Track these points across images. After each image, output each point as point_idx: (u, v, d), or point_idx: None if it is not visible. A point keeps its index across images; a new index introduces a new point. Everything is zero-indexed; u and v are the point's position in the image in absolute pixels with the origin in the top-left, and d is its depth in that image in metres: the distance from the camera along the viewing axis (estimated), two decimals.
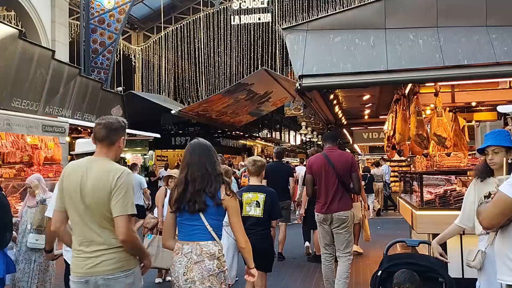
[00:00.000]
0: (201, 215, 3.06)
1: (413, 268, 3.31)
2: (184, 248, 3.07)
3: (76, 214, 2.92)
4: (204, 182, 3.08)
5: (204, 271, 3.00)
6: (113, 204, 2.85)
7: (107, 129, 3.05)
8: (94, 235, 2.89)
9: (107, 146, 3.05)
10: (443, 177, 6.81)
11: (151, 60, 22.43)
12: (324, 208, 5.43)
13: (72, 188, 2.93)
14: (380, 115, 9.87)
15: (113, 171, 2.91)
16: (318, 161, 5.62)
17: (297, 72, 5.81)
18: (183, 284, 3.02)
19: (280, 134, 31.12)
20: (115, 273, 2.87)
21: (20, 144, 10.33)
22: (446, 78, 5.55)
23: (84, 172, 2.94)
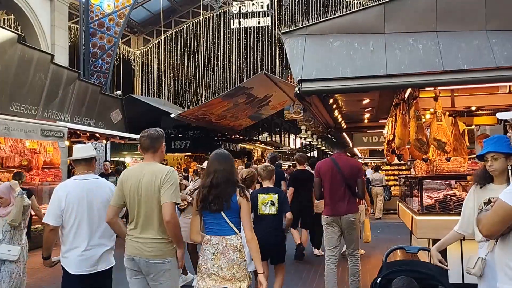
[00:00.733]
0: (223, 214, 3.61)
1: (412, 275, 3.27)
2: (212, 239, 3.62)
3: (134, 208, 3.62)
4: (224, 187, 3.63)
5: (229, 260, 3.57)
6: (162, 194, 3.52)
7: (150, 139, 3.72)
8: (146, 224, 3.59)
9: (152, 153, 3.73)
10: (443, 181, 6.78)
11: (150, 64, 22.45)
12: (332, 211, 5.64)
13: (130, 188, 3.62)
14: (380, 119, 9.85)
15: (161, 171, 3.60)
16: (326, 165, 5.84)
17: (296, 77, 5.79)
18: (211, 268, 3.56)
19: (280, 137, 31.12)
20: (155, 259, 3.56)
21: (19, 149, 10.32)
22: (446, 83, 5.53)
23: (138, 175, 3.63)
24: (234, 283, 3.56)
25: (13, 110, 9.51)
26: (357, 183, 5.69)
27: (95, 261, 3.93)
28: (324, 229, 5.79)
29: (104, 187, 4.11)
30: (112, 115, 14.25)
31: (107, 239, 4.02)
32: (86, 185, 4.01)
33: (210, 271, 3.56)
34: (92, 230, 3.94)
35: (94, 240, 3.94)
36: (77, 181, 4.06)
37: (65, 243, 3.96)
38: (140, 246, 3.58)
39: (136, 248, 3.60)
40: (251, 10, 17.72)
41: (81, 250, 3.90)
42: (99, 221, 3.96)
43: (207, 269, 3.57)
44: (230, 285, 3.55)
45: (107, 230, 3.98)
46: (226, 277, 3.55)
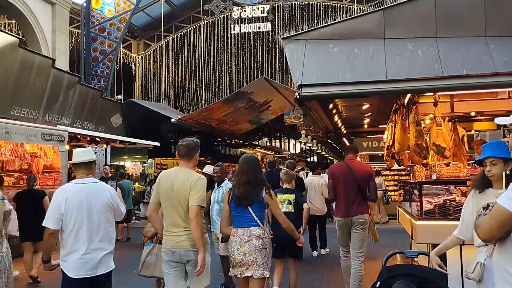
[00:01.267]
0: (250, 209, 4.24)
1: (412, 279, 3.28)
2: (238, 231, 4.27)
3: (168, 206, 4.16)
4: (253, 185, 4.28)
5: (252, 246, 4.17)
6: (190, 197, 4.06)
7: (187, 148, 4.28)
8: (180, 221, 4.12)
9: (187, 160, 4.28)
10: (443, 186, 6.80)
11: (151, 69, 22.49)
12: (344, 213, 5.91)
13: (166, 188, 4.17)
14: (379, 124, 9.89)
15: (192, 178, 4.15)
16: (339, 168, 6.15)
17: (297, 82, 5.82)
18: (237, 256, 4.22)
19: (280, 142, 31.12)
20: (192, 248, 4.08)
21: (19, 152, 10.32)
22: (445, 88, 5.56)
23: (173, 178, 4.20)
24: (256, 269, 4.14)
25: (14, 114, 9.52)
26: (369, 186, 5.99)
27: (94, 265, 3.93)
28: (337, 229, 6.08)
29: (104, 191, 4.11)
30: (112, 119, 14.26)
31: (106, 242, 4.03)
32: (85, 189, 4.03)
33: (237, 260, 4.21)
34: (91, 234, 3.94)
35: (94, 243, 3.94)
36: (77, 185, 4.08)
37: (65, 246, 3.97)
38: (178, 239, 4.12)
39: (174, 241, 4.14)
40: (252, 16, 17.78)
41: (81, 254, 3.90)
42: (98, 224, 3.97)
43: (234, 258, 4.24)
44: (252, 271, 4.13)
45: (106, 234, 4.01)
46: (249, 262, 4.14)
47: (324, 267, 8.27)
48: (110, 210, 4.08)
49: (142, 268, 6.05)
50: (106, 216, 4.04)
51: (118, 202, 4.20)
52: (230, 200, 4.35)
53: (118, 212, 4.18)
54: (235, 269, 4.26)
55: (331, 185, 6.14)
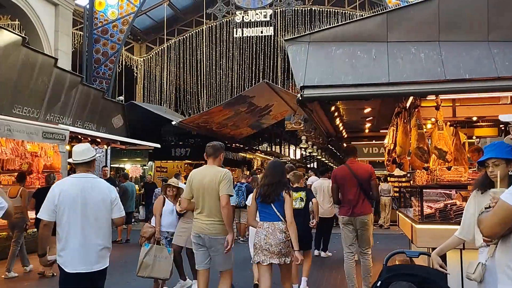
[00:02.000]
0: (273, 206, 4.87)
1: (412, 279, 3.27)
2: (264, 225, 4.89)
3: (200, 197, 4.90)
4: (276, 186, 4.92)
5: (277, 239, 4.78)
6: (220, 188, 4.80)
7: (213, 148, 5.11)
8: (208, 211, 4.84)
9: (213, 159, 5.08)
10: (443, 191, 6.79)
11: (153, 72, 22.53)
12: (349, 212, 6.18)
13: (197, 183, 4.92)
14: (380, 129, 9.87)
15: (220, 172, 4.93)
16: (342, 171, 6.40)
17: (299, 83, 5.82)
18: (264, 245, 4.79)
19: (280, 148, 31.12)
20: (216, 235, 4.84)
21: (20, 151, 10.33)
22: (447, 91, 5.56)
23: (203, 174, 4.99)
24: (280, 257, 4.77)
25: (15, 113, 9.52)
26: (371, 185, 6.28)
27: (90, 260, 3.91)
28: (341, 229, 6.33)
29: (101, 187, 4.10)
30: (113, 120, 14.27)
31: (103, 238, 4.00)
32: (82, 184, 4.03)
33: (263, 248, 4.79)
34: (86, 229, 3.92)
35: (89, 239, 3.92)
36: (74, 179, 4.11)
37: (60, 241, 3.96)
38: (205, 227, 4.85)
39: (202, 228, 4.87)
40: (254, 20, 17.82)
41: (76, 249, 3.89)
42: (94, 220, 3.95)
43: (260, 246, 4.81)
44: (277, 259, 4.76)
45: (103, 230, 3.99)
46: (275, 252, 4.77)
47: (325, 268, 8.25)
48: (107, 207, 4.03)
49: (140, 269, 6.04)
50: (102, 212, 4.00)
51: (118, 201, 4.15)
52: (256, 197, 5.00)
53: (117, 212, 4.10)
54: (258, 257, 4.85)
55: (335, 188, 6.39)
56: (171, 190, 6.72)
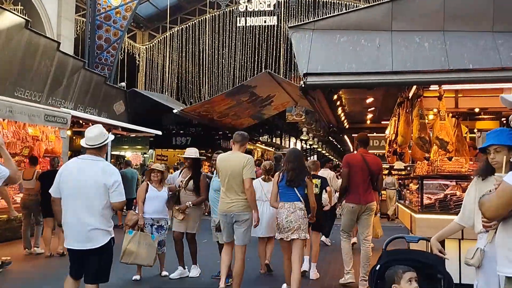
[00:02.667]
0: (295, 189, 5.46)
1: (411, 264, 3.28)
2: (285, 205, 5.45)
3: (226, 179, 5.40)
4: (299, 172, 5.50)
5: (296, 216, 5.39)
6: (244, 173, 5.30)
7: (242, 136, 5.62)
8: (233, 192, 5.38)
9: (240, 145, 5.55)
10: (443, 182, 6.80)
11: (155, 60, 22.48)
12: (358, 199, 6.29)
13: (223, 167, 5.46)
14: (382, 120, 9.88)
15: (244, 158, 5.42)
16: (355, 159, 6.49)
17: (302, 70, 5.82)
18: (285, 223, 5.39)
19: (281, 139, 31.10)
20: (239, 212, 5.37)
21: (21, 135, 10.31)
22: (451, 81, 5.56)
23: (229, 159, 5.51)
24: (299, 232, 5.37)
25: (17, 96, 9.52)
26: (378, 178, 6.43)
27: (81, 238, 3.99)
28: (344, 214, 6.46)
29: (97, 169, 4.08)
30: (115, 106, 14.25)
31: (95, 220, 4.01)
32: (80, 164, 4.14)
33: (285, 226, 5.37)
34: (78, 208, 4.01)
35: (80, 218, 3.99)
36: (78, 160, 4.23)
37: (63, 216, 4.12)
38: (230, 205, 5.38)
39: (227, 207, 5.40)
40: (258, 9, 17.74)
41: (70, 226, 4.04)
42: (86, 200, 4.00)
43: (282, 224, 5.40)
44: (296, 234, 5.35)
45: (95, 211, 4.01)
46: (294, 228, 5.35)
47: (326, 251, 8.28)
48: (101, 189, 4.02)
49: (123, 255, 6.04)
50: (95, 194, 4.01)
51: (118, 186, 4.09)
52: (279, 182, 5.53)
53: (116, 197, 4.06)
54: (281, 234, 5.44)
55: (346, 174, 6.38)
56: (155, 175, 6.56)
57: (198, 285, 6.35)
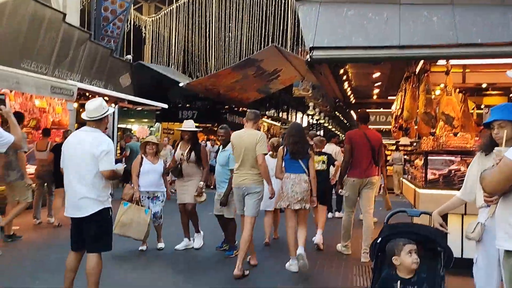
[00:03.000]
0: (300, 161, 5.69)
1: (412, 237, 3.31)
2: (291, 176, 5.70)
3: (240, 155, 5.61)
4: (302, 144, 5.74)
5: (301, 188, 5.64)
6: (257, 149, 5.51)
7: (255, 114, 5.82)
8: (246, 166, 5.61)
9: (253, 123, 5.76)
10: (449, 158, 6.80)
11: (161, 32, 22.29)
12: (361, 174, 6.44)
13: (238, 143, 5.64)
14: (389, 96, 9.82)
15: (257, 134, 5.63)
16: (357, 135, 6.60)
17: (308, 44, 5.77)
18: (291, 194, 5.64)
19: (287, 114, 31.03)
20: (251, 185, 5.61)
21: (29, 106, 10.38)
22: (459, 56, 5.50)
23: (243, 135, 5.67)
24: (302, 203, 5.64)
25: (24, 67, 9.52)
26: (379, 152, 6.58)
27: (75, 207, 4.13)
28: (346, 189, 6.57)
29: (88, 139, 4.16)
30: (121, 79, 14.23)
31: (86, 190, 4.09)
32: (77, 136, 4.27)
33: (290, 195, 5.64)
34: (72, 177, 4.14)
35: (73, 186, 4.13)
36: (78, 132, 4.39)
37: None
38: (243, 178, 5.62)
39: (240, 180, 5.64)
40: None
41: (66, 195, 4.20)
42: (78, 169, 4.11)
43: (287, 193, 5.66)
44: (299, 205, 5.62)
45: (86, 181, 4.09)
46: (299, 198, 5.62)
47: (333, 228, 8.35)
48: (92, 159, 4.08)
49: (116, 227, 6.04)
50: (86, 163, 4.09)
51: (107, 154, 4.13)
52: (284, 155, 5.77)
53: (104, 165, 4.10)
54: (284, 202, 5.70)
55: (348, 149, 6.55)
56: (150, 148, 6.56)
57: (203, 256, 6.44)
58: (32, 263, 5.86)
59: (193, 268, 5.86)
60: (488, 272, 3.20)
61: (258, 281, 5.35)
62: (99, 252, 4.17)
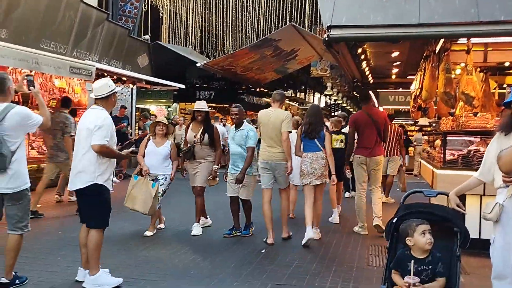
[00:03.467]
0: (316, 140, 6.11)
1: (429, 217, 3.30)
2: (309, 154, 6.14)
3: (267, 132, 6.09)
4: (318, 125, 6.15)
5: (319, 164, 6.09)
6: (283, 126, 5.96)
7: (281, 95, 6.28)
8: (273, 143, 6.06)
9: (279, 103, 6.22)
10: (468, 139, 6.70)
11: (178, 12, 22.20)
12: (367, 153, 6.66)
13: (264, 121, 6.11)
14: (408, 75, 9.66)
15: (283, 113, 6.13)
16: (361, 116, 6.84)
17: (326, 23, 5.70)
18: (310, 169, 6.08)
19: (305, 94, 30.84)
20: (279, 161, 6.06)
21: (48, 87, 10.51)
22: (481, 34, 5.35)
23: (270, 114, 6.15)
24: (321, 178, 6.11)
25: (43, 47, 9.61)
26: (384, 129, 6.79)
27: (72, 180, 4.34)
28: (355, 168, 6.85)
29: (87, 117, 4.31)
30: (139, 59, 14.27)
31: (82, 165, 4.22)
32: (85, 114, 4.44)
33: (309, 172, 6.07)
34: (75, 152, 4.33)
35: (74, 161, 4.31)
36: (87, 110, 4.55)
37: None
38: (271, 154, 6.07)
39: (268, 155, 6.08)
40: None
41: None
42: (77, 144, 4.31)
43: (307, 171, 6.10)
44: (319, 180, 6.09)
45: (80, 154, 4.24)
46: (318, 174, 6.07)
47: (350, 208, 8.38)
48: (86, 133, 4.21)
49: (127, 200, 6.09)
50: (81, 138, 4.25)
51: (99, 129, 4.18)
52: (302, 134, 6.18)
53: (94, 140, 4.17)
54: (305, 179, 6.14)
55: (351, 132, 6.82)
56: (160, 128, 6.43)
57: (218, 237, 6.44)
58: (53, 239, 6.01)
59: (209, 247, 5.90)
60: (505, 253, 3.17)
61: (276, 258, 5.40)
62: (91, 227, 4.26)
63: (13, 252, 4.08)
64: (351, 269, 5.10)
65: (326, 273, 4.91)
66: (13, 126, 3.92)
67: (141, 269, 4.83)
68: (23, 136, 4.09)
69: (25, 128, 4.06)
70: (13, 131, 3.93)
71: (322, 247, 6.04)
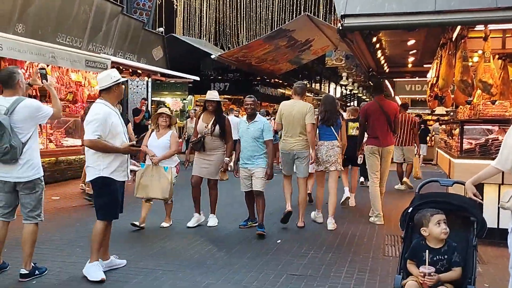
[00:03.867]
0: (332, 128, 6.42)
1: (444, 206, 3.27)
2: (325, 143, 6.44)
3: (289, 123, 6.27)
4: (333, 113, 6.48)
5: (334, 151, 6.42)
6: (306, 118, 6.19)
7: (302, 88, 6.48)
8: (294, 134, 6.27)
9: (300, 96, 6.42)
10: (486, 127, 6.60)
11: (192, 4, 22.20)
12: (378, 143, 6.75)
13: (287, 112, 6.30)
14: (424, 64, 9.53)
15: (306, 106, 6.30)
16: (373, 107, 6.91)
17: (340, 12, 5.65)
18: (325, 157, 6.39)
19: (320, 85, 30.66)
20: (301, 150, 6.28)
21: (65, 80, 10.63)
22: (499, 20, 5.25)
23: (292, 106, 6.34)
24: (336, 164, 6.42)
25: (59, 41, 9.72)
26: (394, 121, 6.85)
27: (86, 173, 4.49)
28: (367, 157, 6.90)
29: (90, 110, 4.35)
30: (154, 51, 14.34)
31: (87, 157, 4.33)
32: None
33: (324, 159, 6.40)
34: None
35: (85, 155, 4.38)
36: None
37: None
38: (293, 145, 6.28)
39: (289, 146, 6.29)
40: None
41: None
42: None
43: (322, 158, 6.41)
44: (334, 166, 6.42)
45: (87, 153, 4.29)
46: (332, 161, 6.39)
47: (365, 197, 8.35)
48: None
49: (138, 190, 5.92)
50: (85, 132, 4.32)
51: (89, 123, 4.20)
52: (318, 122, 6.43)
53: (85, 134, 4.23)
54: (321, 166, 6.46)
55: (362, 123, 6.96)
56: (164, 120, 6.22)
57: (231, 231, 6.38)
58: (73, 231, 6.10)
59: (225, 238, 5.91)
60: None
61: (292, 249, 5.42)
62: (99, 218, 4.32)
63: (29, 243, 4.14)
64: (367, 259, 5.09)
65: (341, 263, 4.90)
66: (23, 118, 3.99)
67: (157, 260, 4.87)
68: (34, 127, 4.14)
69: (35, 120, 4.11)
70: (23, 123, 4.00)
71: (338, 237, 6.02)
